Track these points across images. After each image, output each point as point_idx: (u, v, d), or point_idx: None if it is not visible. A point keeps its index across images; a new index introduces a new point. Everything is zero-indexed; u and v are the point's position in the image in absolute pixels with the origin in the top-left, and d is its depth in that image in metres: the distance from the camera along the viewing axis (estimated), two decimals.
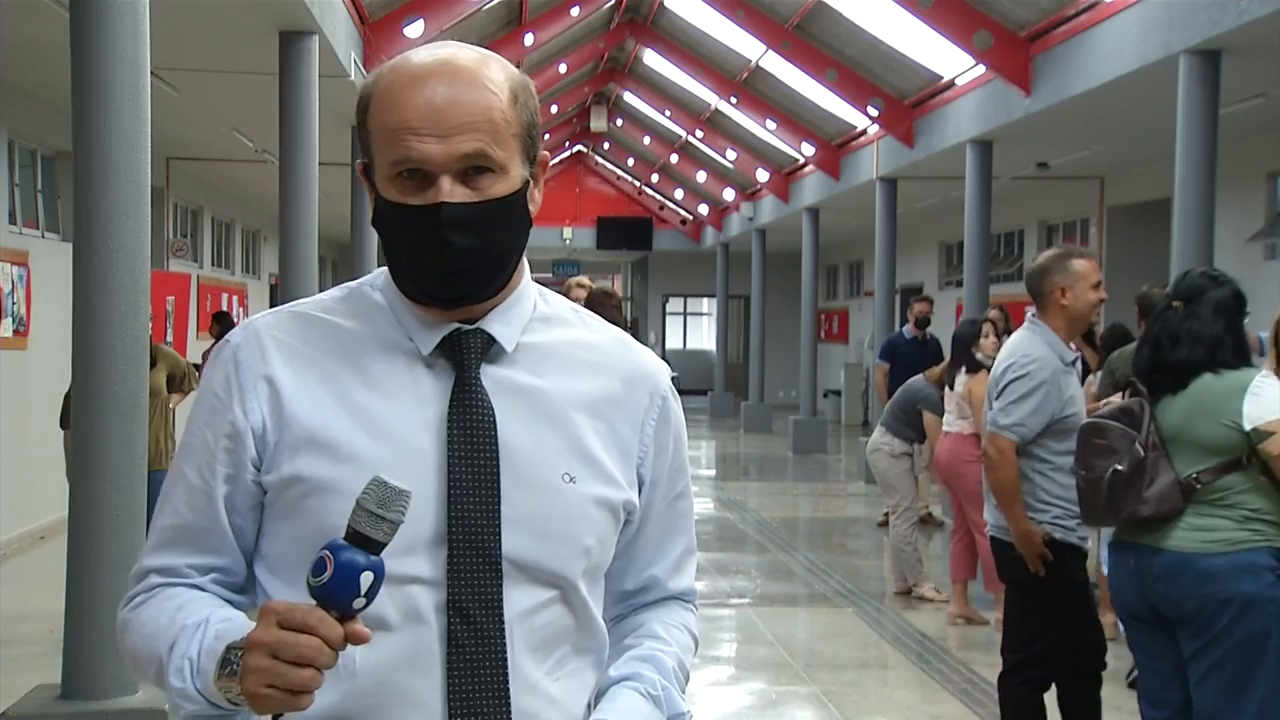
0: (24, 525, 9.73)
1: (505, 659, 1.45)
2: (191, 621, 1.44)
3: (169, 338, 12.84)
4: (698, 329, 33.22)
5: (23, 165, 10.33)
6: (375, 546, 1.31)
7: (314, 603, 1.31)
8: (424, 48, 1.51)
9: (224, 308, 15.70)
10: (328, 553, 1.30)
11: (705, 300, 31.78)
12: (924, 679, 6.64)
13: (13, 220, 9.91)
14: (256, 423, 1.49)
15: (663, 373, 1.64)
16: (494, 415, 1.49)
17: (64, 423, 7.25)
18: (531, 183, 1.52)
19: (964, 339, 7.76)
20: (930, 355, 10.72)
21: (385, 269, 1.56)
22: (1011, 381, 4.43)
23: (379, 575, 1.31)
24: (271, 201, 9.47)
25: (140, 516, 4.69)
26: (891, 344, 11.79)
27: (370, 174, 1.51)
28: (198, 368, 11.48)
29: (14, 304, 9.61)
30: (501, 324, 1.53)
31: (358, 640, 1.31)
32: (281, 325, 1.54)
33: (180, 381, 7.79)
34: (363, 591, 1.30)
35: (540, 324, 1.57)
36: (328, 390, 1.49)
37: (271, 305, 14.30)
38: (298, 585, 1.40)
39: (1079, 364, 4.60)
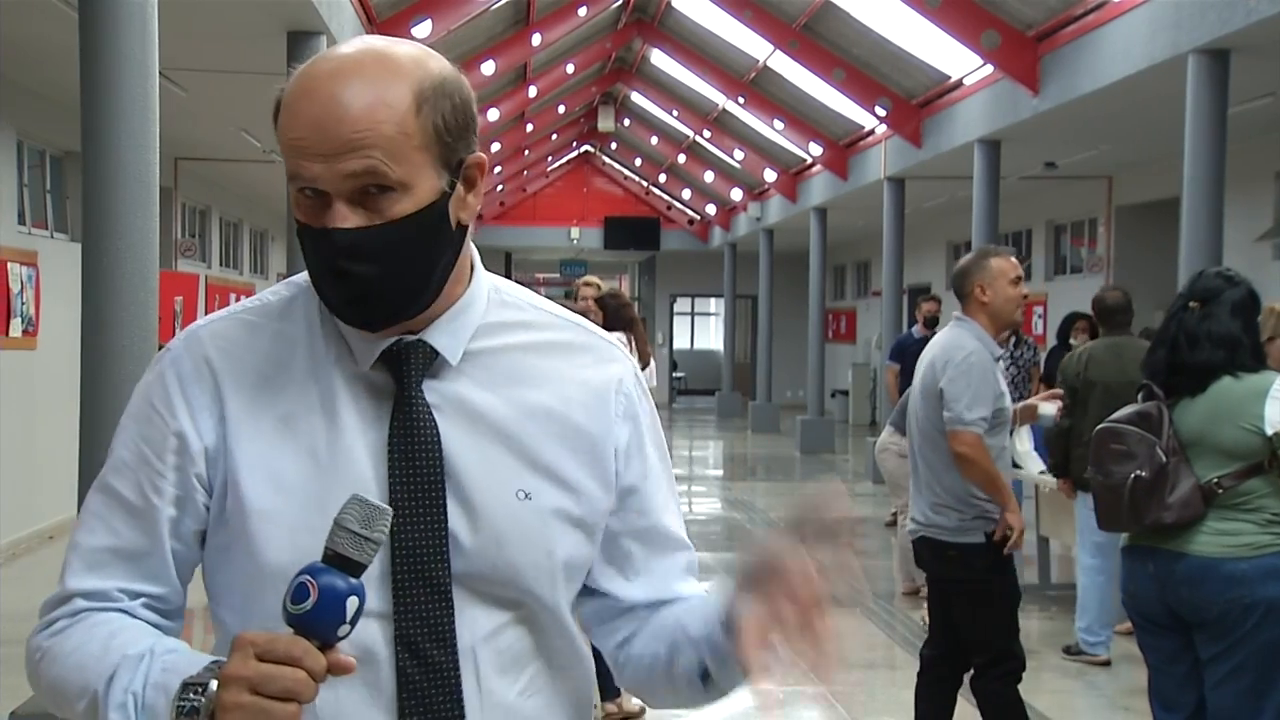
0: (32, 525, 9.75)
1: (460, 693, 1.37)
2: (133, 652, 1.31)
3: None
4: (705, 329, 33.21)
5: (31, 165, 10.35)
6: (356, 569, 1.22)
7: (290, 631, 1.21)
8: (335, 47, 1.39)
9: None
10: (309, 578, 1.20)
11: (713, 300, 31.76)
12: None
13: (21, 220, 9.93)
14: (210, 442, 1.39)
15: (626, 368, 1.52)
16: (438, 435, 1.39)
17: None
18: (461, 188, 1.40)
19: None
20: None
21: None
22: (957, 377, 4.47)
23: (362, 599, 1.22)
24: (279, 201, 9.49)
25: None
26: (900, 344, 11.78)
27: None
28: None
29: (23, 304, 9.63)
30: (446, 335, 1.42)
31: (342, 670, 1.22)
32: (227, 334, 1.44)
33: None
34: (348, 618, 1.21)
35: (490, 329, 1.46)
36: (273, 411, 1.40)
37: None
38: (246, 617, 1.35)
39: (1003, 362, 4.66)
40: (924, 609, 7.64)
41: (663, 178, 26.52)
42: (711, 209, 25.78)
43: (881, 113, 13.79)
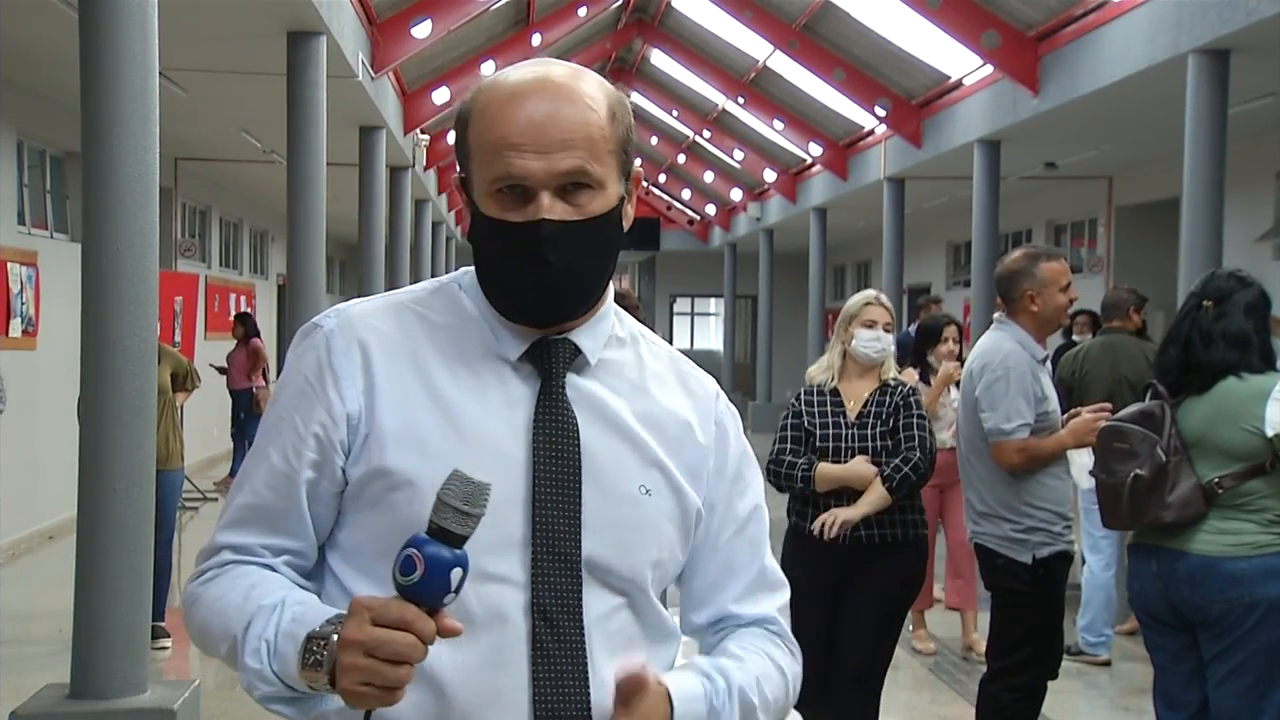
0: (32, 525, 9.74)
1: (585, 662, 1.47)
2: (267, 602, 1.44)
3: (177, 338, 12.85)
4: (705, 329, 33.21)
5: (32, 166, 10.35)
6: (458, 540, 1.32)
7: (398, 595, 1.31)
8: (521, 65, 1.53)
9: (232, 308, 15.73)
10: (415, 551, 1.30)
11: (713, 300, 31.77)
12: (931, 679, 6.63)
13: (22, 221, 9.93)
14: (354, 410, 1.50)
15: (719, 397, 1.67)
16: (577, 423, 1.51)
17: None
18: (625, 198, 1.54)
19: (917, 342, 7.67)
20: None
21: (471, 270, 1.58)
22: (991, 384, 4.36)
23: (465, 569, 1.32)
24: (279, 202, 9.47)
25: (149, 516, 4.69)
26: (900, 345, 11.66)
27: (468, 189, 1.53)
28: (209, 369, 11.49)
29: (23, 304, 9.63)
30: (588, 337, 1.55)
31: (450, 633, 1.33)
32: (376, 314, 1.55)
33: (183, 380, 7.80)
34: (453, 587, 1.31)
35: (616, 343, 1.60)
36: (421, 385, 1.50)
37: (279, 306, 14.24)
38: (373, 576, 1.46)
39: (1049, 364, 4.57)
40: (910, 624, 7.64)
41: (663, 178, 26.53)
42: (711, 209, 25.80)
43: (881, 113, 13.80)
